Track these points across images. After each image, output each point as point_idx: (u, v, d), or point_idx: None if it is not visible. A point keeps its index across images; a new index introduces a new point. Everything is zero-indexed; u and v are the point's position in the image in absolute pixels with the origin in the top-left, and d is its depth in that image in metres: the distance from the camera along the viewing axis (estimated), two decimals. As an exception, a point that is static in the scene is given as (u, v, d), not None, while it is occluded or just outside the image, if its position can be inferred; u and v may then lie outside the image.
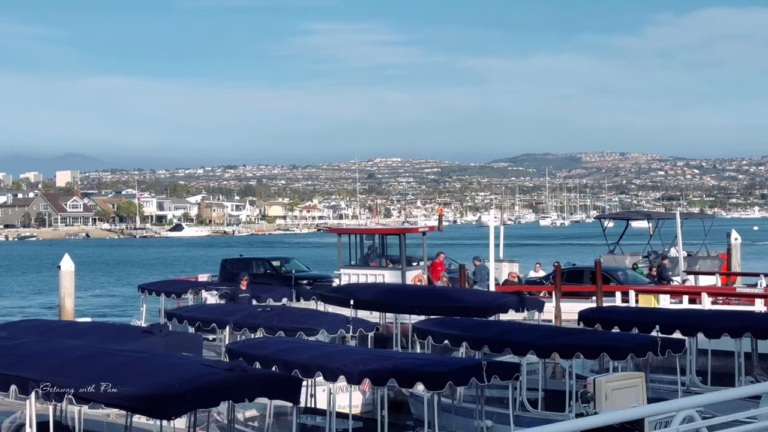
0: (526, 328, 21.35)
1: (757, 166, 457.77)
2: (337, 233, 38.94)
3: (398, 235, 36.37)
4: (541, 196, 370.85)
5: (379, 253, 36.82)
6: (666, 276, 35.90)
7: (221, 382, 12.36)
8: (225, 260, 42.43)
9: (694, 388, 20.49)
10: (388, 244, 37.07)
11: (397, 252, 36.05)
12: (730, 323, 21.22)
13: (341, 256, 36.95)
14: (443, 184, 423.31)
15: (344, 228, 48.08)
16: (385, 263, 36.31)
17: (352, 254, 36.83)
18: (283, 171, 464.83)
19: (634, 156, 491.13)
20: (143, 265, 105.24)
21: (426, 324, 21.95)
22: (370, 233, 38.30)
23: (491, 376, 15.91)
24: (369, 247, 36.95)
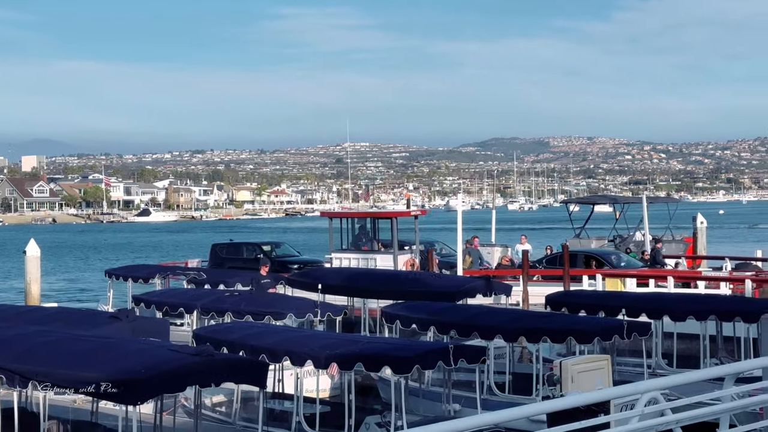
0: (494, 312, 21.43)
1: (722, 150, 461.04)
2: (329, 217, 38.80)
3: (390, 219, 36.31)
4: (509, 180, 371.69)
5: (370, 237, 36.77)
6: (660, 260, 35.87)
7: (188, 367, 12.32)
8: (215, 245, 42.22)
9: (659, 371, 20.65)
10: (379, 228, 37.04)
11: (389, 236, 36.06)
12: (695, 306, 21.38)
13: (332, 240, 36.82)
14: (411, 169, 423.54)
15: (335, 212, 47.97)
16: (376, 247, 36.28)
17: (344, 238, 36.73)
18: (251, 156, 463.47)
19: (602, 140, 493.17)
20: (110, 250, 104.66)
21: (394, 308, 21.97)
22: (362, 217, 38.16)
23: (458, 359, 15.96)
24: (360, 231, 36.94)
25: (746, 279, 28.99)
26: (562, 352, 21.24)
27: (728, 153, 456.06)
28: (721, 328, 22.14)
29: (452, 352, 15.81)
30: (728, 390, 9.86)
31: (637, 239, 40.58)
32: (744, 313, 20.45)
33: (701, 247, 42.72)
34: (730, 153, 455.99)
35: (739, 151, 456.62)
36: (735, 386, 10.09)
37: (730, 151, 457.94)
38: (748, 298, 26.52)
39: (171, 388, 12.48)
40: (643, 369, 20.17)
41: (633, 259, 35.95)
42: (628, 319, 19.97)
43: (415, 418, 16.43)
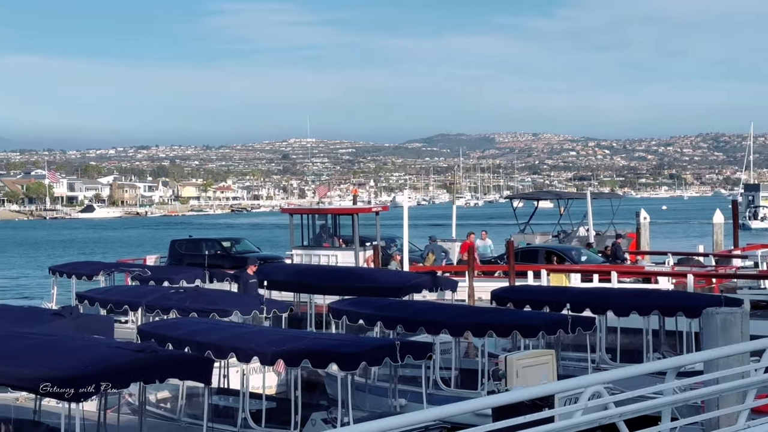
0: (440, 307, 21.51)
1: (665, 146, 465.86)
2: (289, 213, 38.68)
3: (351, 215, 36.23)
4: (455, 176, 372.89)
5: (331, 234, 36.68)
6: (620, 255, 36.02)
7: (131, 363, 12.25)
8: (174, 241, 41.81)
9: (603, 365, 20.84)
10: (340, 225, 36.94)
11: (350, 232, 35.94)
12: (638, 301, 21.63)
13: (293, 236, 36.72)
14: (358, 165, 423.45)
15: (296, 208, 47.80)
16: (337, 244, 36.20)
17: (304, 235, 36.65)
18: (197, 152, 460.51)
19: (547, 137, 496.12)
20: (54, 246, 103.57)
21: (340, 304, 21.97)
22: (323, 213, 38.07)
23: (405, 355, 16.00)
24: (321, 228, 36.84)
25: (688, 274, 29.32)
26: (508, 347, 21.35)
27: (671, 149, 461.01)
28: (663, 322, 22.40)
29: (399, 348, 15.85)
30: (670, 384, 9.98)
31: (581, 234, 40.91)
32: (686, 308, 20.71)
33: (644, 243, 43.15)
34: (672, 149, 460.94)
35: (681, 148, 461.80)
36: (677, 380, 10.21)
37: (673, 148, 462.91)
38: (690, 293, 26.84)
39: (114, 384, 12.39)
40: (587, 363, 20.35)
41: (594, 255, 36.15)
42: (572, 314, 20.12)
43: (361, 414, 16.45)
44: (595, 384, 9.21)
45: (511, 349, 20.39)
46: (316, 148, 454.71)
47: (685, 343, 21.52)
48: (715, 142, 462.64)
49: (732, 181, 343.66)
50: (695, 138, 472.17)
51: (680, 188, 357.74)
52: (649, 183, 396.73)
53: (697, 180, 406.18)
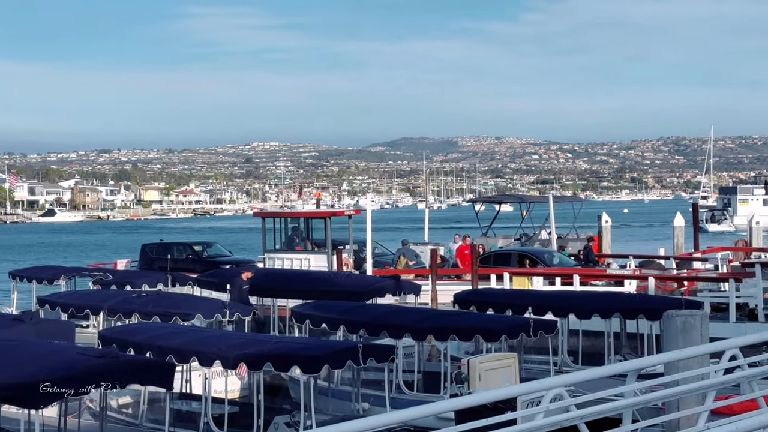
0: (403, 311, 21.54)
1: (626, 150, 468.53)
2: (261, 217, 38.62)
3: (323, 219, 36.19)
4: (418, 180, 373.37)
5: (303, 237, 36.64)
6: (592, 258, 36.08)
7: (92, 368, 12.17)
8: (145, 245, 41.54)
9: (565, 368, 20.92)
10: (313, 228, 36.90)
11: (323, 236, 35.89)
12: (599, 304, 21.75)
13: (266, 240, 36.66)
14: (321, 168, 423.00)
15: (268, 212, 47.72)
16: (310, 247, 36.15)
17: (277, 238, 36.58)
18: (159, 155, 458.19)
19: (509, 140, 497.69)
20: (15, 251, 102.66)
21: (304, 308, 21.94)
22: (295, 217, 38.03)
23: (368, 358, 16.01)
24: (293, 231, 36.72)
25: (649, 277, 29.51)
26: (470, 350, 21.40)
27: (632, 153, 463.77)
28: (624, 325, 22.53)
29: (362, 352, 15.86)
30: (631, 386, 10.04)
31: (543, 238, 41.11)
32: (647, 310, 20.86)
33: (606, 246, 43.42)
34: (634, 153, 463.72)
35: (642, 151, 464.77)
36: (637, 382, 10.27)
37: (634, 151, 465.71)
38: (651, 295, 27.00)
39: (75, 390, 12.30)
40: (549, 366, 20.43)
41: (566, 258, 36.29)
42: (534, 317, 20.20)
43: (324, 418, 16.43)
44: (556, 386, 9.25)
45: (474, 352, 20.45)
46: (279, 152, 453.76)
47: (646, 346, 21.66)
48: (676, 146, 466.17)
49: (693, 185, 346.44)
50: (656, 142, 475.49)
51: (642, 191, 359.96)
52: (610, 186, 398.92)
53: (658, 183, 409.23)
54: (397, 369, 19.07)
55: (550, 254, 35.74)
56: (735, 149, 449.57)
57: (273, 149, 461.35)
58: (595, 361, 20.73)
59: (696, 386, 10.46)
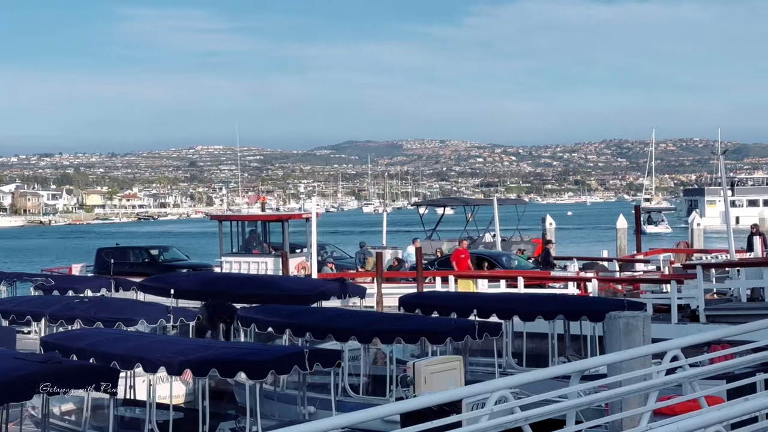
0: (348, 314, 21.52)
1: (570, 153, 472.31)
2: (218, 220, 38.50)
3: (281, 222, 36.10)
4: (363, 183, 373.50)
5: (261, 241, 36.53)
6: (550, 261, 36.15)
7: (34, 375, 12.03)
8: (100, 249, 41.12)
9: (510, 370, 21.04)
10: (270, 231, 36.79)
11: (280, 239, 35.79)
12: (543, 306, 21.91)
13: (222, 244, 36.50)
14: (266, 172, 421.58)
15: (225, 215, 47.43)
16: (267, 250, 36.02)
17: (234, 242, 36.48)
18: (102, 159, 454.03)
19: (454, 143, 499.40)
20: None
21: (249, 312, 21.87)
22: (252, 220, 37.92)
23: (313, 363, 15.98)
24: (251, 234, 36.62)
25: (592, 279, 29.77)
26: (416, 353, 21.45)
27: (575, 156, 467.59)
28: (568, 327, 22.72)
29: (307, 356, 15.83)
30: (574, 387, 10.11)
31: (487, 240, 41.30)
32: (590, 312, 21.07)
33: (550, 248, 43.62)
34: (577, 155, 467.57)
35: (585, 154, 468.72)
36: (581, 383, 10.35)
37: (578, 154, 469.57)
38: (594, 297, 27.28)
39: (16, 396, 12.18)
40: (494, 368, 20.54)
41: (524, 261, 36.41)
42: (479, 319, 20.30)
43: (270, 422, 16.39)
44: (501, 389, 9.30)
45: (420, 355, 20.50)
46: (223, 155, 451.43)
47: (590, 347, 21.85)
48: (619, 149, 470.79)
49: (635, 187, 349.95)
50: (599, 144, 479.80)
51: (585, 194, 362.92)
52: (554, 189, 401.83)
53: (601, 186, 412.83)
54: (342, 372, 19.06)
55: (508, 257, 35.90)
56: (676, 152, 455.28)
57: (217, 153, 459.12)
58: (540, 363, 20.87)
59: (638, 387, 10.56)
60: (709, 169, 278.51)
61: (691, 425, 8.77)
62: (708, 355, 13.07)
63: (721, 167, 36.60)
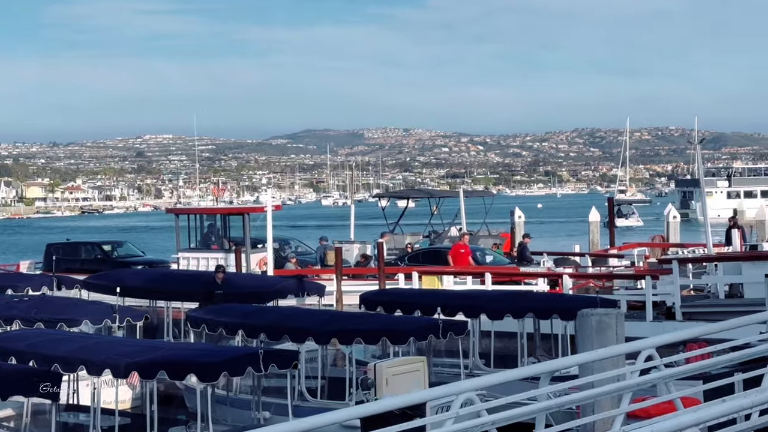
0: (305, 313, 21.51)
1: (540, 142, 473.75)
2: (175, 213, 38.38)
3: (241, 215, 36.04)
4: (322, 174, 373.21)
5: (220, 235, 36.47)
6: (527, 256, 36.06)
7: (-31, 380, 11.93)
8: (50, 245, 40.81)
9: (477, 371, 21.10)
10: (230, 225, 36.76)
11: (241, 233, 35.76)
12: (512, 304, 21.98)
13: (179, 239, 36.39)
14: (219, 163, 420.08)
15: (182, 208, 47.21)
16: (227, 246, 35.95)
17: (192, 237, 36.43)
18: (43, 149, 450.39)
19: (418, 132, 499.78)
20: None
21: (199, 311, 21.81)
22: (211, 213, 37.84)
23: (268, 365, 15.97)
24: (209, 229, 36.47)
25: (563, 275, 29.90)
26: (377, 354, 21.47)
27: (546, 145, 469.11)
28: (538, 325, 22.82)
29: (262, 358, 15.81)
30: (544, 389, 10.15)
31: (452, 234, 41.37)
32: (561, 310, 21.15)
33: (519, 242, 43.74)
34: (548, 145, 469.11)
35: (557, 143, 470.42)
36: (551, 385, 10.40)
37: (548, 143, 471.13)
38: (566, 294, 27.38)
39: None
40: (459, 370, 20.59)
41: (499, 256, 36.38)
42: (444, 318, 20.34)
43: (222, 429, 16.38)
44: (467, 391, 9.33)
45: (381, 356, 20.53)
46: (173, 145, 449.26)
47: (561, 347, 21.96)
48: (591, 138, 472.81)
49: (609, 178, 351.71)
50: (571, 133, 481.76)
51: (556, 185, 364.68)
52: (524, 180, 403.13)
53: (573, 177, 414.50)
54: (299, 375, 19.05)
55: (482, 252, 35.92)
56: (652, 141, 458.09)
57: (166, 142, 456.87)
58: (508, 364, 20.94)
59: (611, 388, 10.63)
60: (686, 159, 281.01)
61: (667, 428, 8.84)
62: (684, 355, 13.19)
63: (698, 157, 36.80)
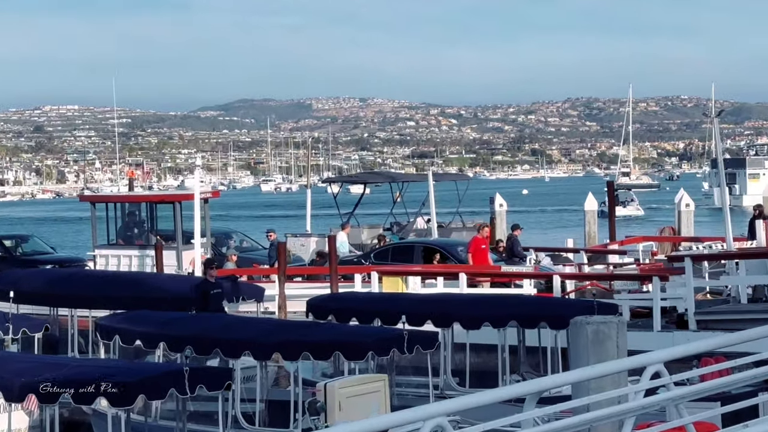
0: (241, 322, 21.51)
1: (526, 114, 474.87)
2: (90, 202, 38.35)
3: (172, 204, 36.02)
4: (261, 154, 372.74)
5: (146, 228, 36.54)
6: (518, 252, 35.93)
7: None
8: None
9: (449, 392, 21.16)
10: (158, 216, 36.80)
11: (171, 225, 35.79)
12: (491, 311, 22.06)
13: (96, 232, 36.38)
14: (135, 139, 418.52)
15: (100, 195, 47.01)
16: (154, 241, 35.83)
17: (111, 230, 36.47)
18: None
19: (377, 103, 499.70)
20: None
21: (111, 320, 21.74)
22: (135, 201, 37.88)
23: (196, 385, 15.94)
24: (132, 220, 36.60)
25: (554, 275, 29.99)
26: (328, 372, 21.49)
27: (533, 118, 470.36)
28: (523, 336, 22.88)
29: (188, 377, 15.78)
30: (529, 413, 10.18)
31: (419, 227, 41.42)
32: (550, 317, 21.23)
33: (500, 236, 43.86)
34: (535, 118, 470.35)
35: (545, 116, 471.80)
36: (538, 408, 10.43)
37: (536, 116, 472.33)
38: (556, 298, 27.45)
39: None
40: (428, 390, 20.63)
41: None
42: (409, 328, 20.35)
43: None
44: (437, 416, 9.34)
45: (333, 374, 20.53)
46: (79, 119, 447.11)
47: (550, 362, 22.04)
48: (587, 109, 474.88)
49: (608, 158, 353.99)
50: (563, 104, 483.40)
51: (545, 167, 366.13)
52: (506, 161, 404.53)
53: (565, 157, 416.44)
54: (233, 397, 19.04)
55: (465, 247, 35.88)
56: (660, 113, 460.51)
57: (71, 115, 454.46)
58: (487, 383, 21.00)
59: (611, 411, 10.68)
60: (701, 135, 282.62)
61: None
62: (698, 371, 13.28)
63: (716, 133, 37.10)
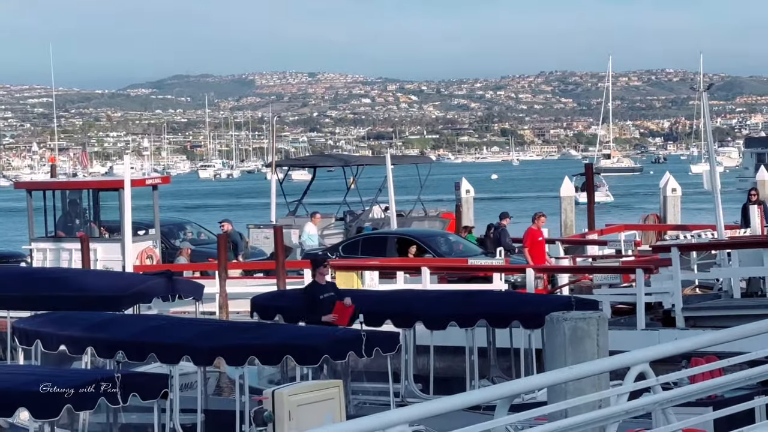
0: (179, 324, 21.47)
1: (494, 90, 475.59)
2: (26, 189, 38.37)
3: (117, 191, 35.84)
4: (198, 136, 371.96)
5: (87, 218, 36.51)
6: (506, 243, 35.81)
7: None
8: None
9: (411, 399, 21.20)
10: (102, 205, 36.76)
11: (116, 215, 35.69)
12: (458, 309, 22.11)
13: (33, 223, 36.41)
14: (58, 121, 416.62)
15: (36, 182, 46.80)
16: (97, 232, 35.86)
17: (49, 220, 36.51)
18: None
19: (329, 78, 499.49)
20: None
21: (32, 323, 21.65)
22: (75, 188, 37.91)
23: (128, 394, 15.92)
24: (71, 209, 36.62)
25: (527, 268, 30.11)
26: (276, 378, 21.51)
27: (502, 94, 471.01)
28: (493, 336, 22.95)
29: (120, 384, 15.75)
30: (501, 419, 10.23)
31: (376, 216, 41.44)
32: (523, 315, 21.31)
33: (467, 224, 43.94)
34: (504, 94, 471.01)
35: (516, 92, 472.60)
36: (510, 414, 10.48)
37: (505, 92, 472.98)
38: (530, 294, 27.56)
39: None
40: (388, 397, 20.68)
41: (470, 243, 36.26)
42: (367, 328, 20.39)
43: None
44: (398, 424, 9.38)
45: (281, 380, 20.55)
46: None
47: (523, 365, 22.13)
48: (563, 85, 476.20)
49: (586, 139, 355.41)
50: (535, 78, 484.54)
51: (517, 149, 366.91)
52: (473, 142, 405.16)
53: (538, 137, 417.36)
54: (171, 407, 19.03)
55: (446, 239, 35.88)
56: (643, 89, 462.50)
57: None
58: (453, 388, 21.07)
59: (591, 417, 10.74)
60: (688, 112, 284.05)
61: (665, 469, 8.96)
62: (687, 372, 13.36)
63: (705, 109, 37.31)
